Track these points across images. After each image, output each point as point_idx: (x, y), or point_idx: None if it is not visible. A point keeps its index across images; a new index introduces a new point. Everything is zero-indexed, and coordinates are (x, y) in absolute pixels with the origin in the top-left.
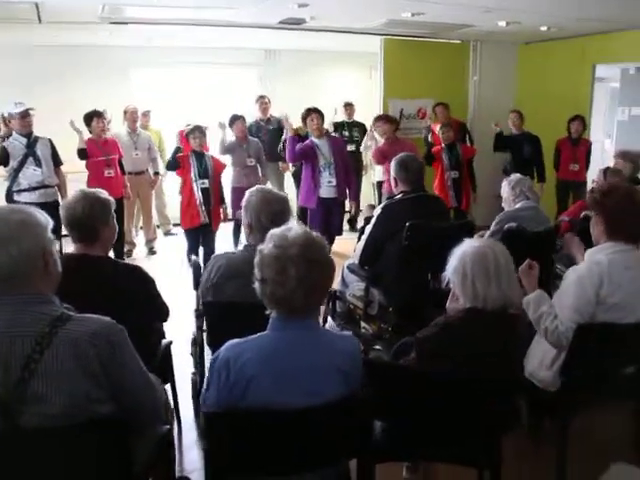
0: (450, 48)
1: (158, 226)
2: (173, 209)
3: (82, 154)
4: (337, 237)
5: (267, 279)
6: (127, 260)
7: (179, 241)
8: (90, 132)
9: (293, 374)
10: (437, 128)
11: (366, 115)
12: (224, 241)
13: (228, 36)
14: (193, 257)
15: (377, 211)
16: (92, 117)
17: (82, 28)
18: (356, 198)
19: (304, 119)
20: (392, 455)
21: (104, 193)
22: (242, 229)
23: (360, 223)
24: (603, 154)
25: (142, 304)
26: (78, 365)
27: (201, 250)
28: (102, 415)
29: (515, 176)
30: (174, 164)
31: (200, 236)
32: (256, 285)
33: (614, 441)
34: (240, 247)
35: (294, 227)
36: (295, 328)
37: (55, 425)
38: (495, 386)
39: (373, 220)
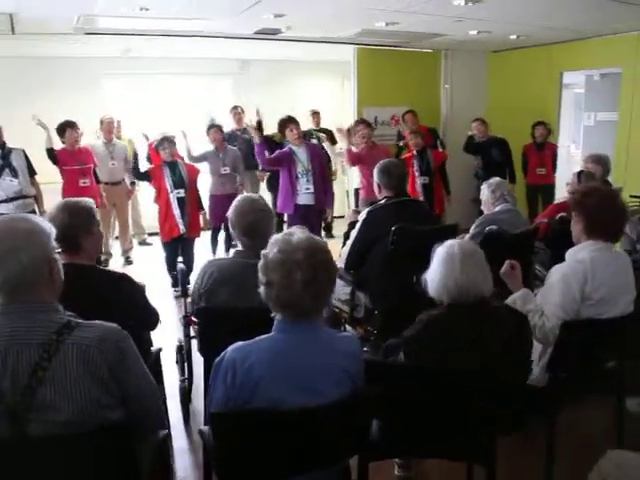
0: (422, 57)
1: (133, 236)
2: (148, 218)
3: (51, 154)
4: None
5: (272, 283)
6: None
7: (155, 250)
8: (63, 142)
9: (301, 375)
10: (408, 136)
11: (339, 124)
12: (202, 248)
13: (202, 46)
14: (179, 265)
15: (362, 216)
16: (65, 127)
17: (56, 39)
18: (331, 205)
19: (282, 128)
20: (388, 453)
21: (87, 201)
22: (218, 236)
23: (336, 229)
24: (569, 158)
25: (129, 312)
26: (87, 371)
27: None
28: (111, 421)
29: (494, 180)
30: (144, 176)
31: (179, 246)
32: (260, 289)
33: (598, 435)
34: (226, 254)
35: (296, 232)
36: (301, 330)
37: (63, 432)
38: (490, 382)
39: (358, 225)
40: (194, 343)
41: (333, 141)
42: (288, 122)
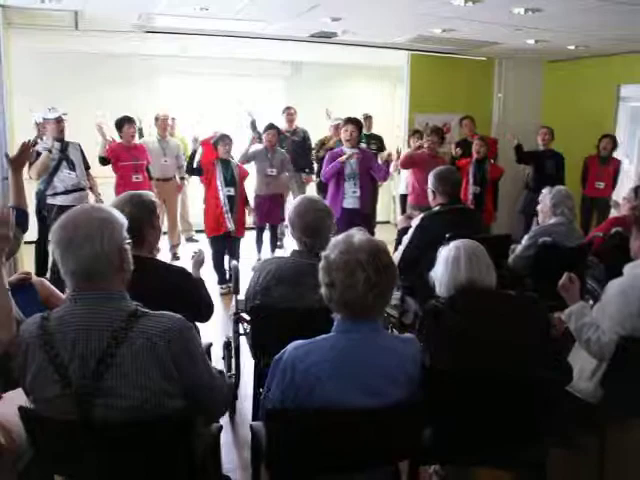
0: (475, 64)
1: (181, 232)
2: (195, 215)
3: (103, 161)
4: None
5: (335, 283)
6: None
7: (201, 247)
8: (121, 137)
9: (360, 375)
10: (474, 140)
11: (388, 129)
12: (247, 248)
13: (256, 48)
14: (233, 262)
15: (416, 221)
16: (124, 122)
17: (115, 36)
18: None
19: (340, 127)
20: (438, 458)
21: (149, 195)
22: (264, 237)
23: (379, 234)
24: (622, 174)
25: (192, 304)
26: (152, 360)
27: (226, 257)
28: (172, 410)
29: (561, 191)
30: (197, 170)
31: (225, 243)
32: (322, 290)
33: None
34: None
35: (356, 234)
36: (362, 330)
37: (127, 418)
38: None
39: (411, 230)
40: (242, 340)
41: (382, 148)
42: (348, 122)
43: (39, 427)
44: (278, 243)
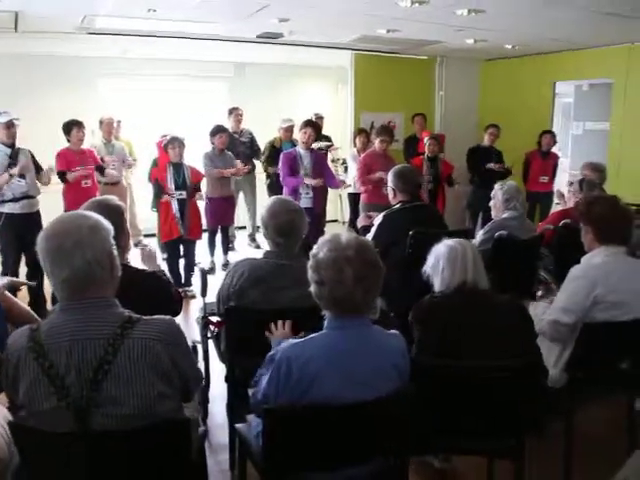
0: (417, 63)
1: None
2: (143, 220)
3: (62, 177)
4: None
5: (325, 281)
6: None
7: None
8: (68, 141)
9: (355, 370)
10: (425, 138)
11: (332, 128)
12: (199, 250)
13: (199, 49)
14: (200, 265)
15: (378, 220)
16: (72, 126)
17: (55, 38)
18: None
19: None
20: (426, 449)
21: (114, 199)
22: (216, 239)
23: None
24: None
25: (164, 305)
26: (150, 365)
27: (182, 261)
28: (168, 412)
29: (510, 186)
30: (158, 192)
31: (179, 247)
32: (311, 288)
33: (611, 435)
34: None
35: (343, 233)
36: (353, 326)
37: (125, 426)
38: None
39: (374, 229)
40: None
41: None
42: (308, 125)
43: (32, 441)
44: (230, 245)
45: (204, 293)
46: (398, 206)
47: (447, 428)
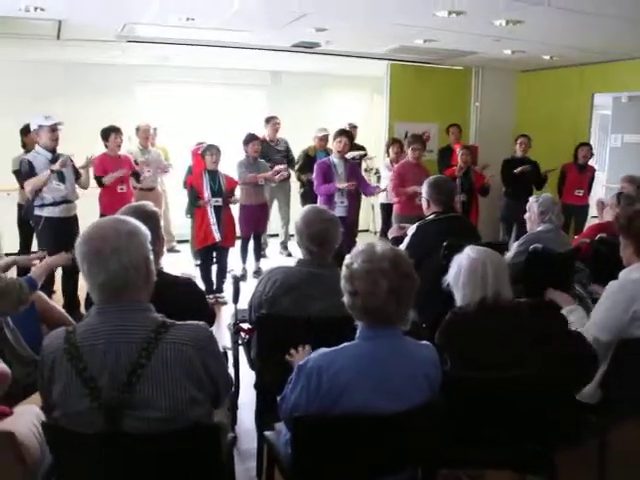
0: (453, 74)
1: None
2: (177, 226)
3: (100, 181)
4: None
5: (358, 291)
6: None
7: (182, 258)
8: (106, 147)
9: (387, 380)
10: (458, 149)
11: (366, 137)
12: (231, 258)
13: (236, 57)
14: (233, 273)
15: (411, 230)
16: (110, 132)
17: (95, 46)
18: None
19: (333, 138)
20: (454, 462)
21: (150, 205)
22: (249, 247)
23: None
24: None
25: (198, 313)
26: (183, 369)
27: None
28: (198, 417)
29: (546, 199)
30: (194, 202)
31: (212, 254)
32: (345, 298)
33: None
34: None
35: (378, 243)
36: (386, 336)
37: (157, 429)
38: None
39: (407, 239)
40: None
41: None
42: (343, 134)
43: (64, 441)
44: (262, 252)
45: (236, 300)
46: (432, 217)
47: (477, 439)
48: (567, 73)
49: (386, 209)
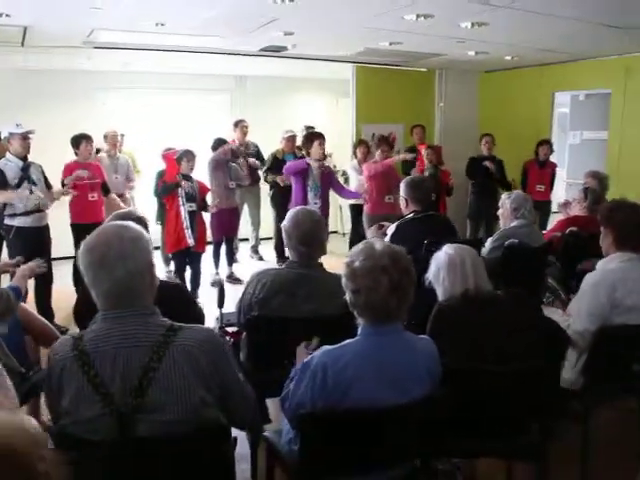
0: (417, 75)
1: None
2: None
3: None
4: None
5: (361, 289)
6: None
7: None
8: (76, 154)
9: (390, 374)
10: (423, 150)
11: (333, 140)
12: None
13: (201, 62)
14: (217, 277)
15: (391, 230)
16: (81, 139)
17: (61, 52)
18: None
19: (310, 142)
20: (449, 452)
21: (137, 211)
22: (221, 251)
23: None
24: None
25: (186, 318)
26: (193, 371)
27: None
28: (211, 419)
29: (518, 195)
30: (166, 191)
31: (186, 258)
32: (347, 296)
33: (623, 436)
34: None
35: (375, 242)
36: (388, 332)
37: (169, 431)
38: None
39: (387, 239)
40: None
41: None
42: (317, 137)
43: (76, 449)
44: (234, 257)
45: (221, 304)
46: (411, 216)
47: (471, 430)
48: (528, 73)
49: (355, 209)
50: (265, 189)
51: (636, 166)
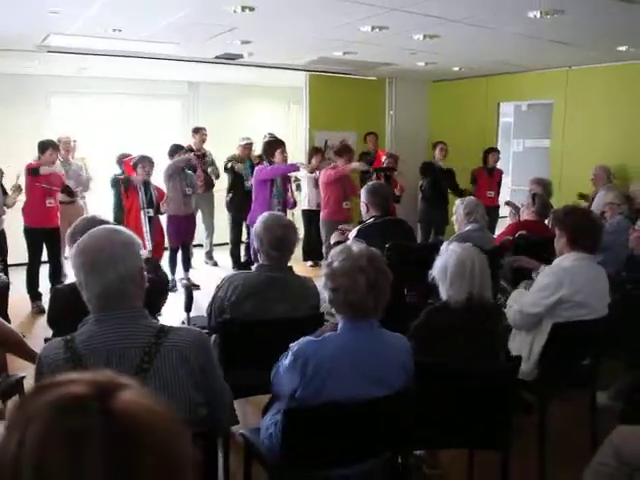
0: (368, 84)
1: None
2: None
3: (35, 172)
4: None
5: (340, 287)
6: None
7: None
8: (39, 159)
9: (368, 367)
10: (383, 157)
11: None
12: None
13: (154, 68)
14: (184, 281)
15: (353, 234)
16: (48, 146)
17: (10, 55)
18: None
19: (272, 149)
20: (420, 444)
21: (102, 216)
22: (177, 257)
23: None
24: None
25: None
26: (183, 371)
27: None
28: (203, 418)
29: (470, 201)
30: (119, 182)
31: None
32: (326, 295)
33: (572, 424)
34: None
35: (353, 244)
36: (365, 328)
37: None
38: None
39: (350, 243)
40: None
41: None
42: (279, 144)
43: None
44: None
45: (189, 308)
46: (371, 220)
47: (438, 422)
48: (474, 83)
49: (308, 215)
50: (218, 196)
51: (577, 171)
